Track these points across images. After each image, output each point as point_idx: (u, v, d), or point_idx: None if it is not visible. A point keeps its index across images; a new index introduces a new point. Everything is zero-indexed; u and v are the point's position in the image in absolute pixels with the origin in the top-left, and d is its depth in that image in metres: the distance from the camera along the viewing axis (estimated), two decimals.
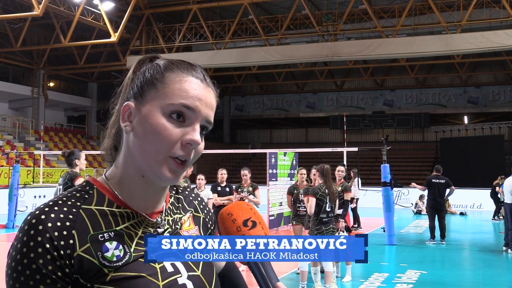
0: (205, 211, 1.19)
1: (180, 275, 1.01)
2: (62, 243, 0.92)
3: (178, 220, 1.10)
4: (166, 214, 1.07)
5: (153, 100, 0.99)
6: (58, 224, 0.93)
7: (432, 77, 32.44)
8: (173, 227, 1.07)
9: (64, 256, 0.92)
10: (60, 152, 20.65)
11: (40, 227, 0.92)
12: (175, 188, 1.17)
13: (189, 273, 1.02)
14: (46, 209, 0.95)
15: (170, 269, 1.00)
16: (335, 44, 21.74)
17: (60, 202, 0.97)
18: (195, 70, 1.03)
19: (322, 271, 7.27)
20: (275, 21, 24.25)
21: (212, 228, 1.19)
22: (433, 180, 11.56)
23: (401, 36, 22.16)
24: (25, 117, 27.11)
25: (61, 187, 5.78)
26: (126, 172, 1.02)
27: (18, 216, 14.00)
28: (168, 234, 1.04)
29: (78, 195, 0.99)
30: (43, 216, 0.93)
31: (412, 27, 22.16)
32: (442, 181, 11.55)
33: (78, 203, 0.98)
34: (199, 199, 1.20)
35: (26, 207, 17.48)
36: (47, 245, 0.91)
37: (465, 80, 31.98)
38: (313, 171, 7.90)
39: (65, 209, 0.96)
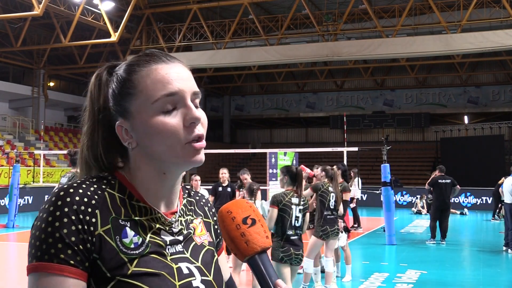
0: (215, 218, 1.20)
1: (194, 278, 1.03)
2: (87, 218, 0.94)
3: (190, 222, 1.11)
4: (180, 214, 1.09)
5: (138, 108, 1.00)
6: (85, 200, 0.95)
7: (432, 77, 32.43)
8: (186, 230, 1.08)
9: (87, 231, 0.94)
10: (60, 152, 20.71)
11: (68, 199, 0.94)
12: (187, 191, 1.19)
13: (202, 277, 1.04)
14: (75, 185, 0.97)
15: (185, 271, 1.02)
16: (335, 44, 21.73)
17: (88, 182, 0.99)
18: (154, 56, 1.03)
19: (323, 271, 7.27)
20: (275, 21, 24.24)
21: (220, 236, 1.19)
22: (439, 181, 11.53)
23: (401, 36, 22.15)
24: (25, 116, 27.10)
25: None
26: (143, 175, 1.04)
27: (18, 216, 14.01)
28: (182, 237, 1.06)
29: (102, 181, 1.02)
30: (71, 190, 0.96)
31: (412, 27, 22.15)
32: (448, 181, 11.54)
33: (104, 186, 1.00)
34: (209, 205, 1.22)
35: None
36: (73, 217, 0.93)
37: (465, 80, 31.97)
38: (316, 170, 7.87)
39: (91, 188, 0.98)
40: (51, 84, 29.82)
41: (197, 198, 1.20)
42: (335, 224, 6.58)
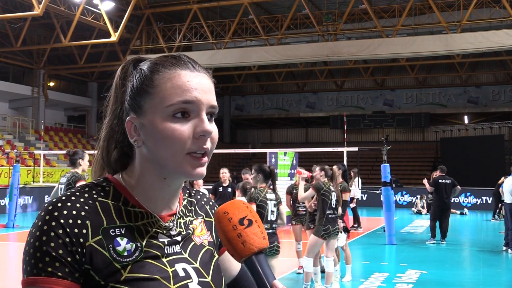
0: None
1: (191, 280, 1.02)
2: (75, 230, 0.94)
3: (189, 223, 1.10)
4: (179, 216, 1.09)
5: (152, 108, 0.99)
6: (74, 212, 0.95)
7: (432, 77, 32.43)
8: (185, 231, 1.08)
9: (76, 243, 0.94)
10: (60, 152, 20.75)
11: (56, 213, 0.94)
12: (187, 191, 1.18)
13: (200, 279, 1.03)
14: (64, 198, 0.97)
15: (181, 273, 1.01)
16: (335, 44, 21.73)
17: (77, 193, 0.99)
18: (180, 61, 1.02)
19: (323, 271, 7.26)
20: (275, 21, 24.24)
21: None
22: (440, 181, 11.52)
23: (401, 36, 22.15)
24: (25, 116, 27.10)
25: (63, 186, 5.75)
26: (145, 178, 1.03)
27: (18, 216, 14.00)
28: (180, 237, 1.06)
29: (95, 190, 1.01)
30: (59, 204, 0.96)
31: (412, 27, 22.15)
32: (448, 181, 11.54)
33: (95, 196, 1.00)
34: (211, 203, 1.21)
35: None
36: (60, 231, 0.93)
37: (465, 80, 31.96)
38: (316, 171, 7.88)
39: (82, 200, 0.98)
40: (51, 84, 29.82)
41: (198, 197, 1.19)
42: (336, 223, 6.59)
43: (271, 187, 5.50)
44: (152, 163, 1.01)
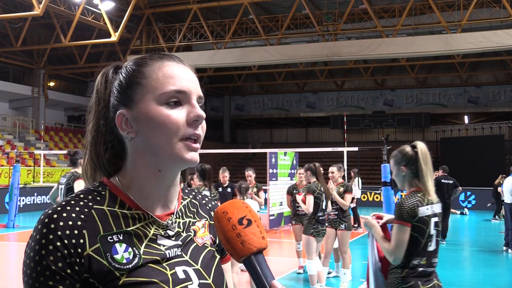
0: None
1: (191, 282, 1.02)
2: (73, 241, 0.94)
3: (190, 224, 1.10)
4: (178, 216, 1.08)
5: (144, 97, 1.01)
6: (70, 223, 0.95)
7: (432, 77, 32.43)
8: (186, 232, 1.07)
9: (74, 254, 0.94)
10: (60, 152, 20.74)
11: (52, 226, 0.95)
12: (193, 193, 1.18)
13: (200, 281, 1.03)
14: (59, 208, 0.97)
15: (181, 275, 1.01)
16: (335, 44, 21.72)
17: (73, 202, 0.99)
18: (166, 55, 1.06)
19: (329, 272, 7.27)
20: (275, 20, 24.24)
21: None
22: (442, 181, 11.52)
23: (402, 36, 22.14)
24: (25, 116, 27.10)
25: (63, 186, 5.75)
26: (139, 173, 1.04)
27: (18, 216, 14.00)
28: (181, 241, 1.05)
29: (90, 195, 1.02)
30: (55, 216, 0.96)
31: (413, 27, 22.15)
32: (450, 181, 11.53)
33: (91, 203, 1.00)
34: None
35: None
36: (58, 243, 0.94)
37: (465, 80, 31.96)
38: (300, 171, 7.91)
39: (77, 209, 0.98)
40: (51, 84, 29.82)
41: (203, 202, 1.19)
42: (324, 225, 6.61)
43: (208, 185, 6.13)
44: (146, 154, 1.02)
